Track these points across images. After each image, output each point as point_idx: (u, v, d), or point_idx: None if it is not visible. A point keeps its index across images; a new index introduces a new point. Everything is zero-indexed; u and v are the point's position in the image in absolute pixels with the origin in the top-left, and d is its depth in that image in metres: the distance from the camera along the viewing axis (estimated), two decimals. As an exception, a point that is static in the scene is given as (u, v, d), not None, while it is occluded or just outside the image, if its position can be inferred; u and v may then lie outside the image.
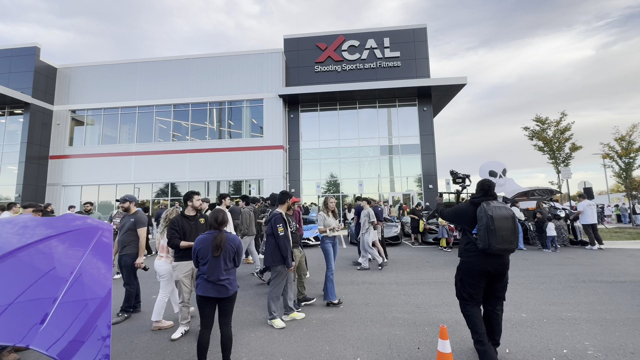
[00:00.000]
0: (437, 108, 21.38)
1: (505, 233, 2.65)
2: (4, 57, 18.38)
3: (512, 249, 2.72)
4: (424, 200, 17.49)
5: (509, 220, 2.69)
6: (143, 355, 3.05)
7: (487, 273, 2.77)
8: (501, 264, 2.78)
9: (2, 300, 1.69)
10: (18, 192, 17.20)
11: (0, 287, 1.78)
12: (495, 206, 2.73)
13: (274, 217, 3.85)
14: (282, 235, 3.72)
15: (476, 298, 2.84)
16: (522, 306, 4.22)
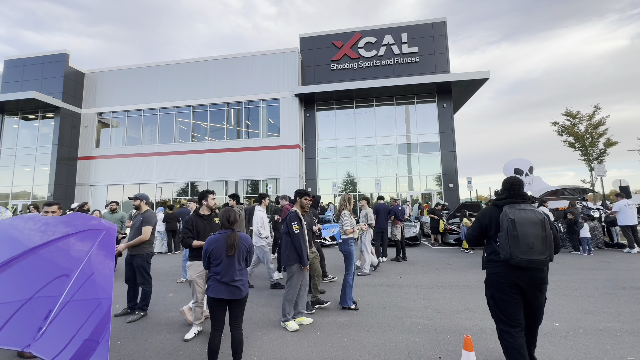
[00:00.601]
0: (458, 105, 20.65)
1: (531, 241, 2.19)
2: (37, 64, 19.45)
3: (542, 261, 2.20)
4: (444, 200, 16.93)
5: (537, 225, 2.20)
6: (156, 355, 3.04)
7: (518, 286, 2.34)
8: (535, 278, 2.28)
9: (20, 295, 1.68)
10: (50, 192, 18.15)
11: (20, 283, 1.77)
12: (520, 209, 2.30)
13: (289, 215, 3.80)
14: (297, 233, 3.65)
15: (515, 319, 2.34)
16: (554, 314, 3.90)
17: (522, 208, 2.32)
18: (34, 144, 19.33)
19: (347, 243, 4.44)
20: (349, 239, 4.44)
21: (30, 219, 2.33)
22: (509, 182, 2.51)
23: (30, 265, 1.93)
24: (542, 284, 2.33)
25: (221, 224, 2.74)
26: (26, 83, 19.28)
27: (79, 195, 19.27)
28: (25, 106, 18.69)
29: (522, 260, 2.22)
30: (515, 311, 2.34)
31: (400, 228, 7.84)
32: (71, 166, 19.26)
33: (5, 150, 19.60)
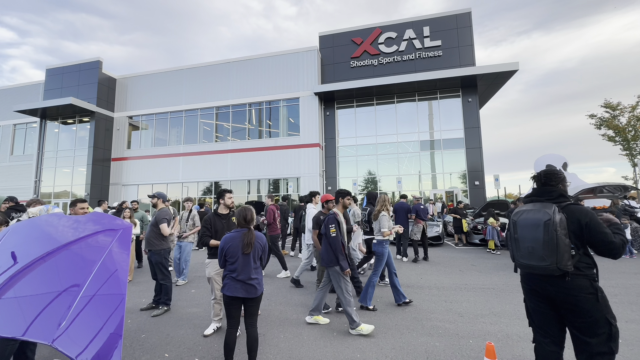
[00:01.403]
0: (484, 99, 19.76)
1: (530, 245, 1.97)
2: (73, 72, 20.80)
3: (544, 268, 1.91)
4: (469, 198, 16.29)
5: (538, 228, 1.94)
6: (177, 349, 3.14)
7: (537, 294, 2.06)
8: (559, 288, 1.92)
9: (52, 288, 1.78)
10: (87, 191, 19.39)
11: (54, 276, 1.88)
12: (526, 209, 2.08)
13: (328, 217, 3.69)
14: (334, 237, 3.53)
15: (543, 329, 2.07)
16: (590, 322, 3.63)
17: (528, 208, 2.08)
18: (72, 147, 20.71)
19: (381, 245, 4.33)
20: (384, 240, 4.35)
21: (64, 216, 2.47)
22: (535, 176, 2.26)
23: (63, 260, 2.03)
24: (570, 295, 1.89)
25: (237, 223, 2.78)
26: (65, 90, 20.68)
27: (113, 194, 20.43)
28: (64, 111, 20.05)
29: (522, 265, 2.08)
30: (543, 320, 2.08)
31: (421, 227, 7.64)
32: (105, 167, 20.45)
33: (48, 152, 21.15)
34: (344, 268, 3.51)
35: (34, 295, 1.72)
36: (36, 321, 1.61)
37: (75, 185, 20.24)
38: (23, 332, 1.44)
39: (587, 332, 1.85)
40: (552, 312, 2.03)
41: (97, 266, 2.04)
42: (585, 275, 1.90)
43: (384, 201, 4.55)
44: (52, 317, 1.67)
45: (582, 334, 1.86)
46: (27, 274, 1.87)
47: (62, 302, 1.77)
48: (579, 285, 1.88)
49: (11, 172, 21.66)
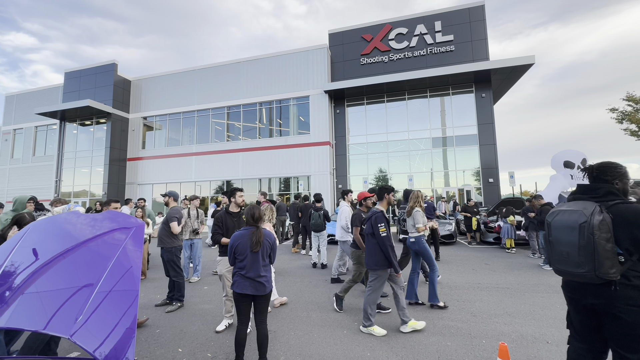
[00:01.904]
0: (498, 94, 19.27)
1: (565, 249, 1.80)
2: (90, 75, 21.43)
3: (581, 275, 1.74)
4: (483, 195, 15.96)
5: (573, 231, 1.76)
6: (190, 344, 3.22)
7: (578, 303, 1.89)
8: (601, 298, 1.73)
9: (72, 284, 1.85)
10: (104, 190, 19.99)
11: (73, 272, 1.96)
12: (561, 209, 1.91)
13: (375, 216, 3.45)
14: (384, 236, 3.33)
15: (577, 330, 1.94)
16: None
17: (565, 208, 1.89)
18: (90, 148, 21.38)
19: (420, 241, 4.27)
20: (421, 236, 4.30)
21: (81, 214, 2.56)
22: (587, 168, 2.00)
23: (81, 256, 2.10)
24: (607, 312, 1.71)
25: (246, 221, 2.81)
26: (82, 92, 21.34)
27: (129, 193, 20.99)
28: (82, 113, 20.68)
29: (558, 271, 1.90)
30: (582, 327, 1.91)
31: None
32: (121, 167, 21.02)
33: (67, 153, 21.89)
34: (398, 270, 3.38)
35: (54, 290, 1.79)
36: (56, 315, 1.67)
37: (93, 185, 20.89)
38: (44, 326, 1.50)
39: (628, 347, 1.66)
40: (594, 321, 1.84)
41: (112, 262, 2.10)
42: (634, 286, 1.66)
43: (417, 197, 4.49)
44: (71, 311, 1.72)
45: (622, 349, 1.68)
46: (47, 270, 1.93)
47: (80, 297, 1.83)
48: (625, 296, 1.67)
49: (34, 173, 22.55)
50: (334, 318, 3.84)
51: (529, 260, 7.17)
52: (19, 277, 1.66)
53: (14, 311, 1.51)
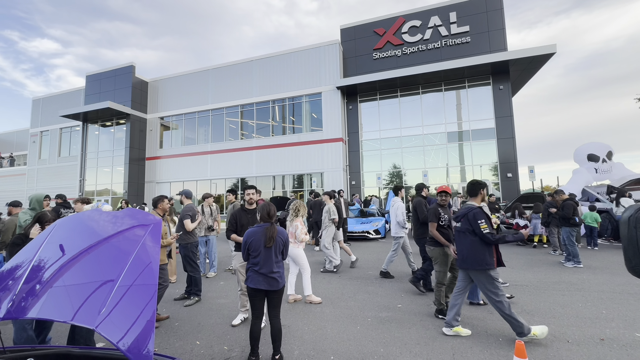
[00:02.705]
0: (517, 86, 18.61)
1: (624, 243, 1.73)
2: (109, 77, 22.18)
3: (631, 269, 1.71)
4: (501, 191, 15.52)
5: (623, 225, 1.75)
6: (207, 337, 3.32)
7: None
8: None
9: (96, 278, 1.95)
10: (125, 189, 20.74)
11: (96, 267, 2.06)
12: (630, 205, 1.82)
13: (473, 212, 3.20)
14: (487, 233, 3.08)
15: None
16: (636, 322, 3.37)
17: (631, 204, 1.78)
18: (111, 148, 22.18)
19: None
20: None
21: (103, 212, 2.67)
22: None
23: (104, 252, 2.20)
24: None
25: (260, 217, 2.87)
26: (103, 94, 22.13)
27: (148, 191, 21.68)
28: (103, 115, 21.46)
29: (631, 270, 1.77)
30: None
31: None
32: (141, 166, 21.71)
33: (90, 154, 22.81)
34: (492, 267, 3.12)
35: (79, 284, 1.88)
36: (82, 308, 1.75)
37: (114, 184, 21.70)
38: (72, 317, 1.59)
39: None
40: None
41: (132, 258, 2.18)
42: None
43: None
44: (95, 304, 1.81)
45: None
46: (73, 265, 2.03)
47: (103, 291, 1.91)
48: None
49: (59, 172, 23.64)
50: (347, 314, 3.86)
51: (550, 258, 6.95)
52: (48, 271, 1.76)
53: (44, 303, 1.60)
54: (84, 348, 1.94)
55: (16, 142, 33.21)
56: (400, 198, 5.77)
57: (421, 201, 4.90)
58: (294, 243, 4.50)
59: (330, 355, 2.86)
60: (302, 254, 4.46)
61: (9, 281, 1.77)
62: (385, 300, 4.35)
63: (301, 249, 4.49)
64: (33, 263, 1.81)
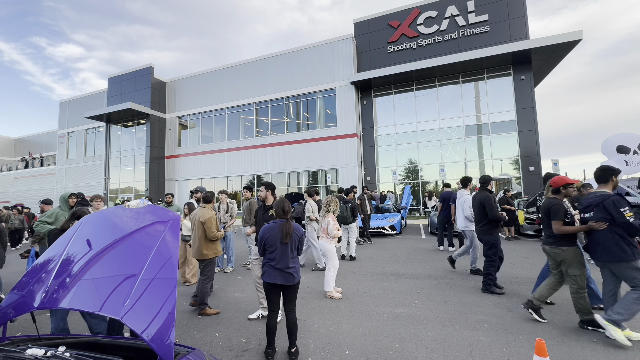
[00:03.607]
0: (540, 76, 17.80)
1: None
2: (130, 79, 22.93)
3: None
4: (523, 185, 14.98)
5: None
6: (226, 329, 3.42)
7: None
8: None
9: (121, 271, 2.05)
10: (146, 186, 21.49)
11: (121, 261, 2.16)
12: None
13: (612, 199, 2.91)
14: (633, 221, 2.81)
15: None
16: (668, 323, 3.19)
17: None
18: (132, 147, 23.00)
19: None
20: None
21: (126, 209, 2.79)
22: None
23: (127, 247, 2.30)
24: None
25: (276, 214, 2.91)
26: (124, 95, 22.93)
27: (168, 189, 22.37)
28: (124, 115, 22.25)
29: None
30: None
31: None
32: (160, 164, 22.42)
33: (113, 153, 23.75)
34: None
35: (105, 277, 1.98)
36: (108, 299, 1.85)
37: (136, 182, 22.52)
38: (99, 308, 1.68)
39: None
40: None
41: (154, 252, 2.26)
42: None
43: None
44: (120, 296, 1.90)
45: None
46: (100, 259, 2.13)
47: (127, 284, 2.00)
48: None
49: (85, 171, 24.78)
50: (362, 309, 3.87)
51: (575, 254, 6.67)
52: (77, 265, 1.86)
53: (73, 295, 1.70)
54: (111, 337, 2.05)
55: (46, 143, 35.08)
56: (468, 191, 5.66)
57: (489, 196, 4.56)
58: (325, 238, 4.59)
59: (346, 350, 2.88)
60: (332, 249, 4.53)
61: (42, 274, 1.89)
62: (400, 296, 4.32)
63: (333, 244, 4.55)
64: (63, 257, 1.92)
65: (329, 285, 4.42)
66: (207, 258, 4.08)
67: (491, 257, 4.44)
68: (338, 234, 4.54)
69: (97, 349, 1.84)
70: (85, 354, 1.56)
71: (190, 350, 1.80)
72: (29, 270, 1.93)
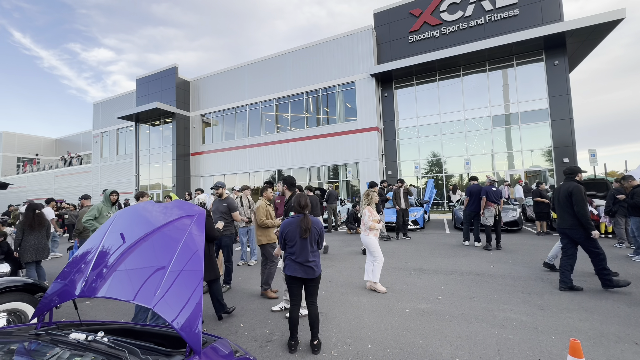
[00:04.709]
0: (575, 60, 16.59)
1: None
2: (156, 79, 23.83)
3: None
4: (556, 178, 14.14)
5: None
6: (250, 320, 3.52)
7: None
8: None
9: (152, 263, 2.17)
10: (174, 183, 22.40)
11: (151, 253, 2.28)
12: None
13: None
14: None
15: None
16: None
17: None
18: (160, 145, 23.99)
19: None
20: None
21: (155, 203, 2.93)
22: None
23: (157, 240, 2.41)
24: None
25: (294, 209, 2.94)
26: (151, 96, 23.89)
27: (194, 185, 23.21)
28: (152, 115, 23.20)
29: None
30: None
31: (492, 211, 6.96)
32: (186, 161, 23.25)
33: (142, 151, 24.90)
34: None
35: (138, 268, 2.09)
36: (141, 289, 1.95)
37: (164, 178, 23.52)
38: (133, 298, 1.78)
39: None
40: None
41: (181, 245, 2.35)
42: None
43: None
44: (151, 286, 2.00)
45: None
46: (132, 251, 2.25)
47: (157, 275, 2.10)
48: None
49: (118, 169, 26.19)
50: (385, 304, 3.84)
51: (615, 251, 6.24)
52: (112, 257, 1.98)
53: (109, 284, 1.81)
54: (144, 325, 2.17)
55: (82, 143, 37.52)
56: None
57: (580, 188, 4.18)
58: (364, 231, 4.56)
59: (368, 344, 2.88)
60: (371, 241, 4.45)
61: (81, 264, 2.03)
62: (424, 292, 4.25)
63: (372, 236, 4.47)
64: (99, 249, 2.05)
65: (374, 276, 4.35)
66: (261, 244, 4.42)
67: (594, 251, 4.06)
68: (376, 226, 4.45)
69: (131, 335, 1.95)
70: (121, 339, 1.66)
71: (217, 339, 1.87)
72: (70, 261, 2.08)
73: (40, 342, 1.64)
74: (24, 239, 4.87)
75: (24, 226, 4.91)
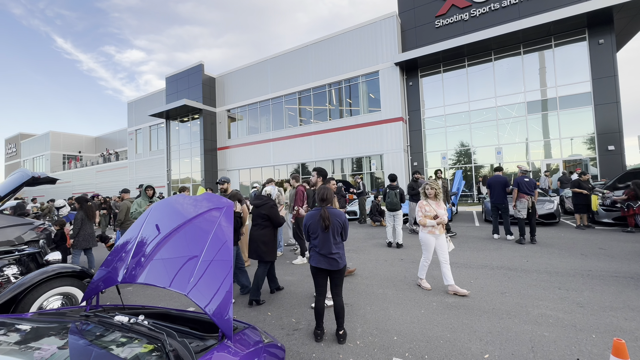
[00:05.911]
0: (623, 38, 15.09)
1: None
2: (183, 77, 24.68)
3: None
4: (599, 167, 13.10)
5: None
6: (277, 309, 3.63)
7: None
8: None
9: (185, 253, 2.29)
10: (202, 177, 23.30)
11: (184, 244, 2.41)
12: None
13: None
14: None
15: None
16: None
17: None
18: (189, 141, 24.96)
19: None
20: None
21: (187, 196, 3.07)
22: None
23: (189, 231, 2.54)
24: None
25: (316, 201, 2.98)
26: (180, 93, 24.82)
27: (221, 178, 24.01)
28: (180, 111, 24.14)
29: None
30: None
31: (525, 203, 6.59)
32: (213, 156, 24.05)
33: (173, 147, 26.04)
34: None
35: (173, 257, 2.21)
36: (176, 277, 2.07)
37: (193, 172, 24.51)
38: (169, 284, 1.89)
39: None
40: None
41: (211, 236, 2.45)
42: None
43: None
44: (185, 275, 2.12)
45: None
46: (167, 241, 2.39)
47: (190, 264, 2.22)
48: None
49: (152, 164, 27.64)
50: (411, 297, 3.80)
51: (667, 246, 5.71)
52: (149, 246, 2.11)
53: (147, 272, 1.94)
54: (180, 310, 2.30)
55: (118, 140, 40.05)
56: None
57: None
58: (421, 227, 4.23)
59: (394, 336, 2.87)
60: (425, 239, 4.08)
61: (122, 253, 2.18)
62: (452, 285, 4.15)
63: (425, 232, 4.08)
64: (138, 239, 2.19)
65: (419, 271, 4.22)
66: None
67: None
68: (426, 222, 4.01)
69: (168, 319, 2.08)
70: (160, 323, 1.78)
71: (247, 326, 1.94)
72: (113, 250, 2.25)
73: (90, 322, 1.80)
74: (82, 228, 5.37)
75: (83, 217, 5.40)
